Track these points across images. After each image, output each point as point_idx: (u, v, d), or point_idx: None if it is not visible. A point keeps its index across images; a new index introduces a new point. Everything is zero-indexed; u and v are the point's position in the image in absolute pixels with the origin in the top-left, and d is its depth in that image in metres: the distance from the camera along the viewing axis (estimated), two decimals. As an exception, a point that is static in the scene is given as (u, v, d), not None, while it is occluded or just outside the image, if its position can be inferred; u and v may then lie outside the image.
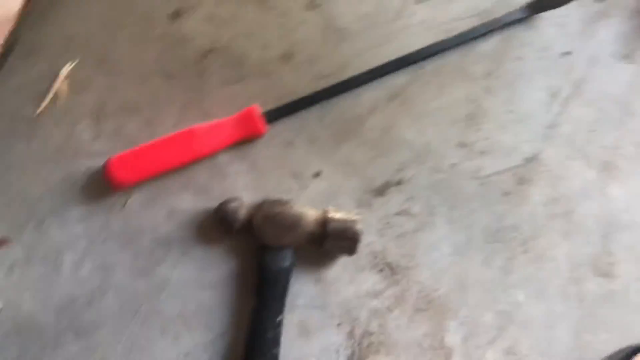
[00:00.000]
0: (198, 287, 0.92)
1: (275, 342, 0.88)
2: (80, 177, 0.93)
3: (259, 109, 0.95)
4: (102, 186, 0.93)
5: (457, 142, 1.00)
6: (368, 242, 0.95)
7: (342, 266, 0.94)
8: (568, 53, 1.06)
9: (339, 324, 0.93)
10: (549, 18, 1.07)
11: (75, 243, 0.91)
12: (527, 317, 0.95)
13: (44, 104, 0.95)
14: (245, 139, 0.96)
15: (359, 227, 0.89)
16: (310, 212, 0.90)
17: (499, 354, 0.94)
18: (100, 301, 0.90)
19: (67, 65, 0.96)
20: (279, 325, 0.89)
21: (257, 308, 0.89)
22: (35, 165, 0.93)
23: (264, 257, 0.89)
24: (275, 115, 0.97)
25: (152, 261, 0.92)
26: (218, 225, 0.91)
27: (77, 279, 0.90)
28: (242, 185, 0.95)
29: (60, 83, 0.95)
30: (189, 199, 0.94)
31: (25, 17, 0.97)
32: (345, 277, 0.94)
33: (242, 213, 0.89)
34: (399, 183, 0.98)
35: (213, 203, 0.93)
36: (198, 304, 0.91)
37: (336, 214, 0.90)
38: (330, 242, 0.89)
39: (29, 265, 0.90)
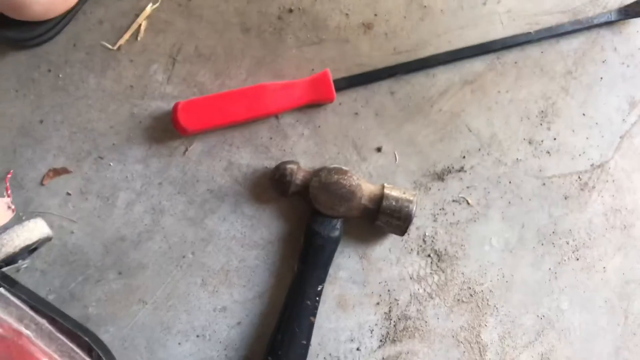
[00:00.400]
0: (244, 244, 0.84)
1: (313, 310, 0.81)
2: (146, 117, 0.85)
3: (330, 74, 0.85)
4: (166, 130, 0.85)
5: (525, 138, 0.89)
6: (419, 225, 0.86)
7: (389, 246, 0.85)
8: (654, 64, 0.92)
9: (377, 303, 0.84)
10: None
11: (131, 182, 0.84)
12: (568, 325, 0.86)
13: (123, 38, 0.86)
14: (313, 103, 0.86)
15: (413, 208, 0.79)
16: (367, 186, 0.81)
17: (534, 358, 0.83)
18: (147, 243, 0.83)
19: (150, 4, 0.86)
20: (319, 294, 0.81)
21: (300, 274, 0.81)
22: (104, 99, 0.85)
23: (314, 223, 0.81)
24: (345, 83, 0.88)
25: (204, 211, 0.84)
26: (273, 186, 0.83)
27: (129, 218, 0.83)
28: (303, 149, 0.86)
29: (142, 20, 0.86)
30: (249, 156, 0.85)
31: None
32: (391, 257, 0.85)
33: (299, 177, 0.80)
34: (459, 170, 0.88)
35: (271, 163, 0.85)
36: (241, 261, 0.84)
37: (392, 192, 0.79)
38: (383, 218, 0.80)
39: (84, 198, 0.83)
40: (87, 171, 0.83)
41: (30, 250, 0.75)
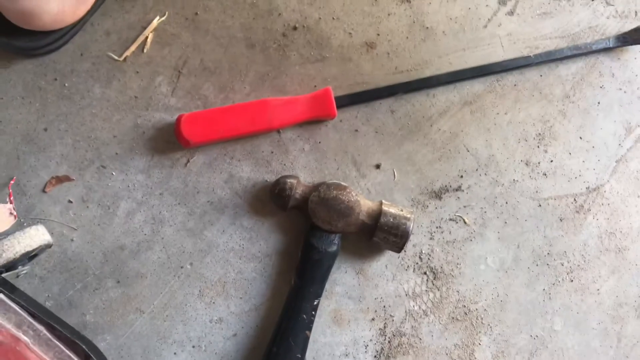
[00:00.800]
0: (242, 256, 0.84)
1: (309, 324, 0.81)
2: (149, 128, 0.85)
3: (332, 92, 0.85)
4: (168, 141, 0.85)
5: (522, 160, 0.89)
6: (416, 242, 0.86)
7: (386, 262, 0.85)
8: (650, 90, 0.93)
9: (372, 319, 0.83)
10: (638, 52, 0.93)
11: (133, 192, 0.83)
12: (561, 346, 0.86)
13: (130, 50, 0.87)
14: (315, 119, 0.87)
15: (410, 225, 0.79)
16: (365, 202, 0.81)
17: (527, 378, 0.83)
18: (146, 253, 0.83)
19: (157, 17, 0.87)
20: (315, 308, 0.81)
21: (297, 288, 0.81)
22: (109, 109, 0.85)
23: (312, 238, 0.81)
24: (347, 101, 0.88)
25: (203, 223, 0.84)
26: (273, 199, 0.82)
27: (129, 228, 0.83)
28: (303, 164, 0.86)
29: (148, 32, 0.86)
30: (249, 169, 0.85)
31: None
32: (387, 273, 0.85)
33: (298, 191, 0.80)
34: (457, 190, 0.87)
35: (272, 177, 0.85)
36: (239, 273, 0.83)
37: (390, 209, 0.79)
38: (380, 235, 0.80)
39: (85, 206, 0.83)
40: (89, 180, 0.83)
41: (30, 256, 0.74)
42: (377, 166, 0.88)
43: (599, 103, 0.92)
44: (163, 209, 0.84)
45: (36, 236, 0.72)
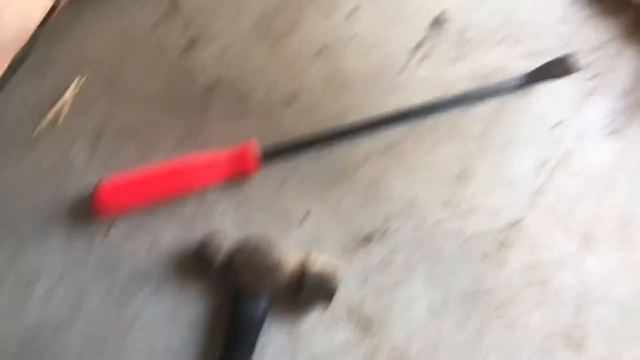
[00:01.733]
0: (169, 325, 0.79)
1: (240, 389, 0.74)
2: (67, 200, 0.80)
3: (255, 146, 0.82)
4: (87, 212, 0.80)
5: (444, 200, 0.87)
6: (346, 291, 0.82)
7: (316, 317, 0.81)
8: (559, 124, 0.93)
9: (308, 376, 0.78)
10: (545, 89, 0.94)
11: (50, 268, 0.78)
12: None
13: (44, 122, 0.81)
14: (237, 176, 0.82)
15: (335, 282, 0.76)
16: (290, 259, 0.77)
17: (464, 419, 0.79)
18: (67, 333, 0.77)
19: (75, 82, 0.81)
20: (245, 373, 0.74)
21: (226, 354, 0.74)
22: (24, 184, 0.80)
23: (238, 304, 0.77)
24: (270, 154, 0.85)
25: (127, 294, 0.79)
26: (197, 262, 0.78)
27: (47, 308, 0.77)
28: (229, 221, 0.82)
29: (65, 100, 0.80)
30: (172, 234, 0.81)
31: (42, 31, 0.84)
32: (319, 326, 0.80)
33: (222, 254, 0.76)
34: (383, 234, 0.84)
35: (196, 238, 0.80)
36: (167, 343, 0.78)
37: (315, 264, 0.76)
38: (305, 294, 0.76)
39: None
40: (4, 258, 0.77)
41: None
42: (305, 217, 0.84)
43: (512, 139, 0.90)
44: (84, 283, 0.77)
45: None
